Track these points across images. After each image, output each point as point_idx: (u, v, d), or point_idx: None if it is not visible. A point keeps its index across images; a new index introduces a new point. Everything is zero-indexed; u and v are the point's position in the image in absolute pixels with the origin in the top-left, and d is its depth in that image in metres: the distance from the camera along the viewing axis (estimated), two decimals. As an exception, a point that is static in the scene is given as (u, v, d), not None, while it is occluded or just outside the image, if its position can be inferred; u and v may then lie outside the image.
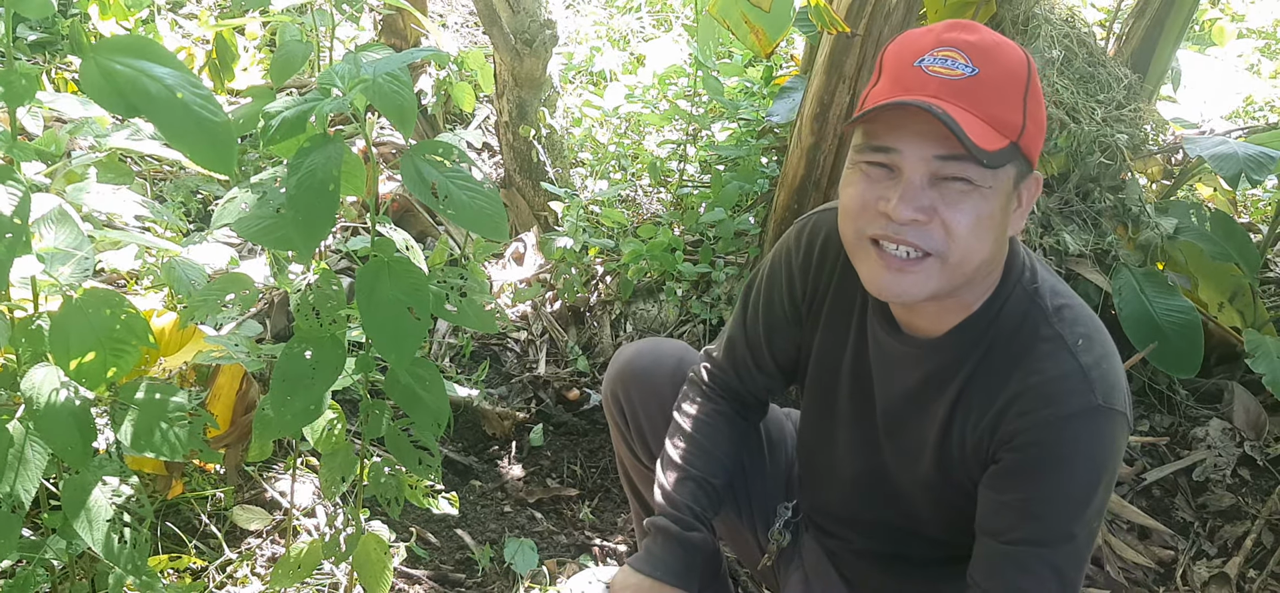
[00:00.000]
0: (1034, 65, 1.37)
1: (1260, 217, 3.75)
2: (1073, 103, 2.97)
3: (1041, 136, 1.39)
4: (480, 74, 3.88)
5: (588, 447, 2.86)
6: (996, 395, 1.43)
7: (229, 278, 1.70)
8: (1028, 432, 1.39)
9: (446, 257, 3.00)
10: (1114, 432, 1.38)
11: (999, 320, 1.44)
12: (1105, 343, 1.42)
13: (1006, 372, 1.42)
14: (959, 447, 1.48)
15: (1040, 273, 1.47)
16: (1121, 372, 1.42)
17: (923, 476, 1.56)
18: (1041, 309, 1.43)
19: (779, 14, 2.64)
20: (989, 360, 1.44)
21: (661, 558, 1.69)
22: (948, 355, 1.47)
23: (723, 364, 1.82)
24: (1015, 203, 1.39)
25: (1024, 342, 1.42)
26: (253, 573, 2.22)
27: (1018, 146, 1.33)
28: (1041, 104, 1.37)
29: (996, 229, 1.36)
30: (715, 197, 3.28)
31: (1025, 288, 1.44)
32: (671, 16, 5.65)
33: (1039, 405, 1.38)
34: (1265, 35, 5.60)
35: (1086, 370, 1.37)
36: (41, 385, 1.37)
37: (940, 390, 1.49)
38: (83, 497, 1.44)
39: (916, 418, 1.53)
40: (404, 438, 1.73)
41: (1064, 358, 1.39)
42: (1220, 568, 2.43)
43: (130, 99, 1.14)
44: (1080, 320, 1.42)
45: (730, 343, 1.80)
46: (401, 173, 1.41)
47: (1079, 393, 1.37)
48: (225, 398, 2.26)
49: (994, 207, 1.34)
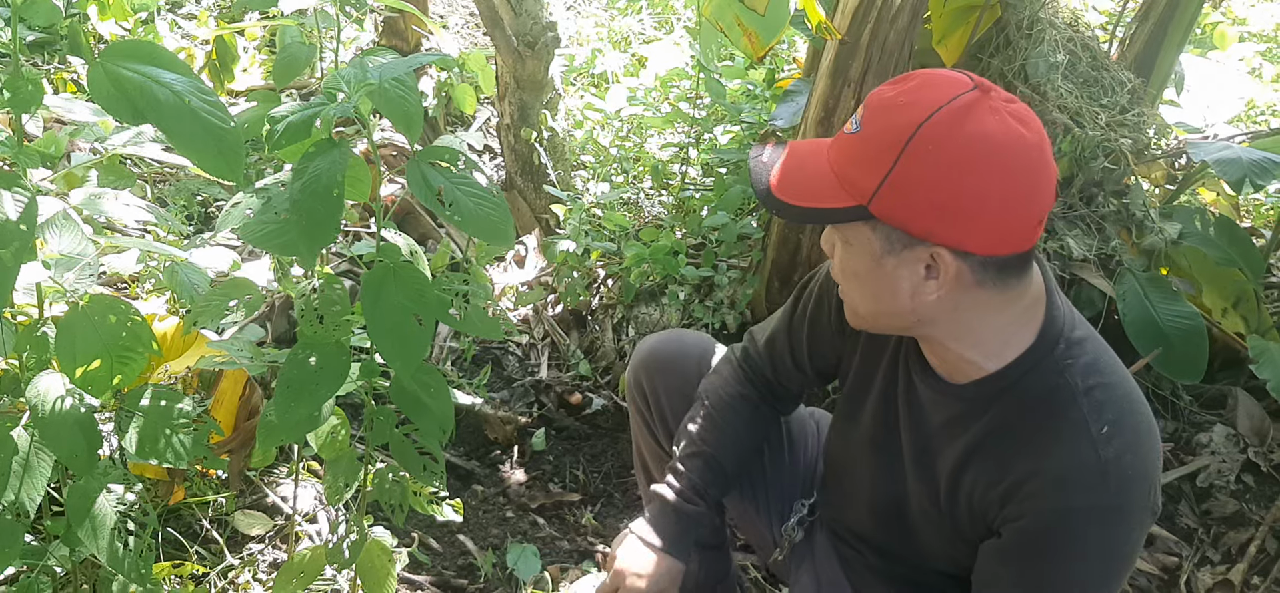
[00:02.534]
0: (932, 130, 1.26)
1: (1263, 221, 3.74)
2: (1076, 107, 2.97)
3: (931, 203, 1.27)
4: (481, 76, 3.87)
5: (590, 451, 2.86)
6: (1009, 467, 1.40)
7: (233, 283, 1.69)
8: (1034, 516, 1.37)
9: (448, 261, 2.99)
10: (1127, 530, 1.35)
11: (1021, 386, 1.39)
12: (1135, 432, 1.36)
13: (1022, 445, 1.39)
14: (966, 499, 1.48)
15: (1086, 346, 1.40)
16: (1151, 461, 1.37)
17: (933, 513, 1.56)
18: (1070, 387, 1.37)
19: (773, 18, 2.63)
20: (1007, 426, 1.41)
21: (657, 525, 1.79)
22: (965, 407, 1.45)
23: (763, 353, 1.83)
24: (916, 272, 1.32)
25: (1045, 418, 1.38)
26: (255, 579, 2.21)
27: (866, 209, 1.29)
28: (933, 167, 1.26)
29: (872, 286, 1.37)
30: (718, 200, 3.28)
31: (1057, 360, 1.38)
32: (673, 18, 5.64)
33: (1048, 491, 1.36)
34: (1266, 39, 5.60)
35: (1104, 464, 1.33)
36: (47, 393, 1.36)
37: (954, 439, 1.47)
38: (87, 504, 1.43)
39: (933, 458, 1.53)
40: (408, 444, 1.72)
41: (1082, 447, 1.34)
42: (1224, 575, 2.42)
43: (139, 105, 1.13)
44: (1111, 405, 1.36)
45: (773, 337, 1.81)
46: (407, 179, 1.41)
47: (1092, 487, 1.33)
48: (228, 403, 2.25)
49: (859, 265, 1.37)
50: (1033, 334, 1.38)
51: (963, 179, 1.25)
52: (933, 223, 1.28)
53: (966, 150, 1.25)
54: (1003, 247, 1.30)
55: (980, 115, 1.25)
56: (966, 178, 1.25)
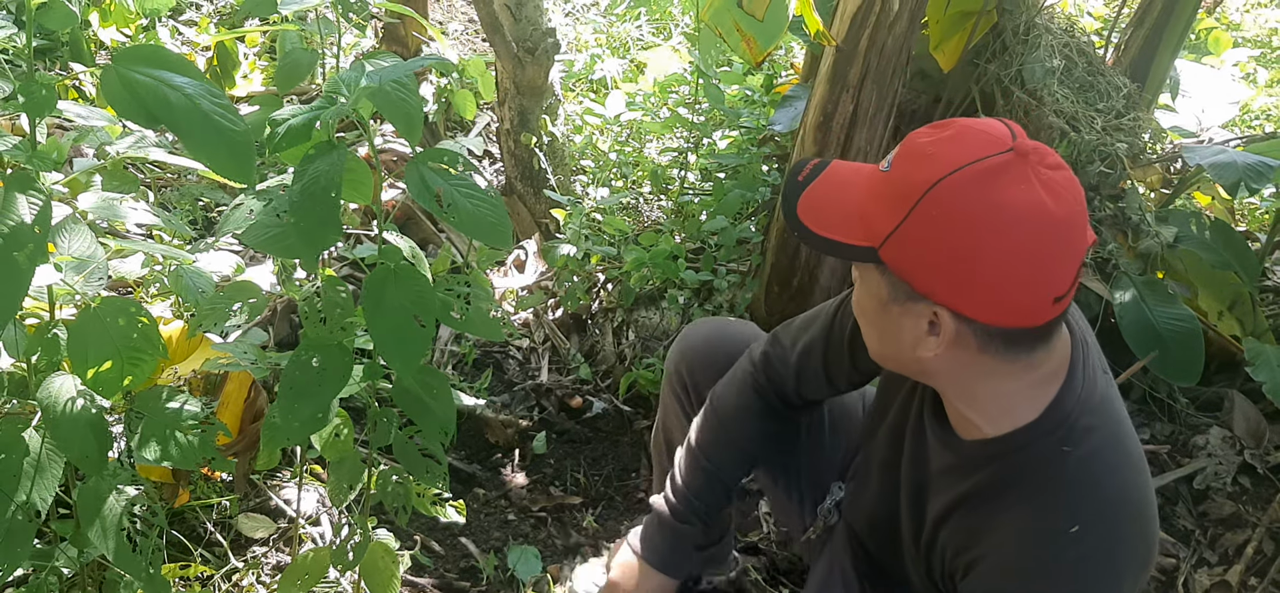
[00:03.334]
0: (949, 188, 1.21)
1: (1258, 225, 3.77)
2: (1073, 112, 2.99)
3: (937, 263, 1.24)
4: (481, 81, 3.89)
5: (591, 455, 2.87)
6: (976, 538, 1.39)
7: (237, 286, 1.71)
8: None
9: (449, 264, 3.00)
10: None
11: (1013, 460, 1.36)
12: (1112, 536, 1.29)
13: (993, 520, 1.37)
14: (940, 553, 1.48)
15: (1092, 436, 1.33)
16: (1129, 563, 1.31)
17: (913, 555, 1.58)
18: (1059, 478, 1.32)
19: (772, 23, 2.65)
20: (988, 495, 1.38)
21: (652, 541, 1.86)
22: (962, 462, 1.43)
23: (793, 364, 1.77)
24: (919, 326, 1.29)
25: (1020, 500, 1.34)
26: (258, 581, 2.22)
27: (876, 252, 1.27)
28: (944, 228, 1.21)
29: (877, 328, 1.37)
30: (717, 204, 3.29)
31: (1056, 444, 1.33)
32: (671, 24, 5.66)
33: (996, 575, 1.35)
34: (1260, 44, 5.63)
35: (1058, 565, 1.29)
36: (59, 394, 1.38)
37: (945, 490, 1.47)
38: (97, 505, 1.45)
39: (925, 500, 1.53)
40: (412, 446, 1.73)
41: (1042, 541, 1.31)
42: (1221, 576, 2.44)
43: (151, 109, 1.14)
44: (1090, 505, 1.30)
45: (809, 348, 1.74)
46: (407, 181, 1.42)
47: (1039, 583, 1.31)
48: (233, 406, 2.27)
49: (868, 304, 1.36)
50: (1039, 410, 1.33)
51: (968, 244, 1.20)
52: (935, 282, 1.25)
53: (977, 216, 1.19)
54: (1007, 319, 1.24)
55: (1005, 182, 1.19)
56: (972, 244, 1.20)
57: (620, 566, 1.88)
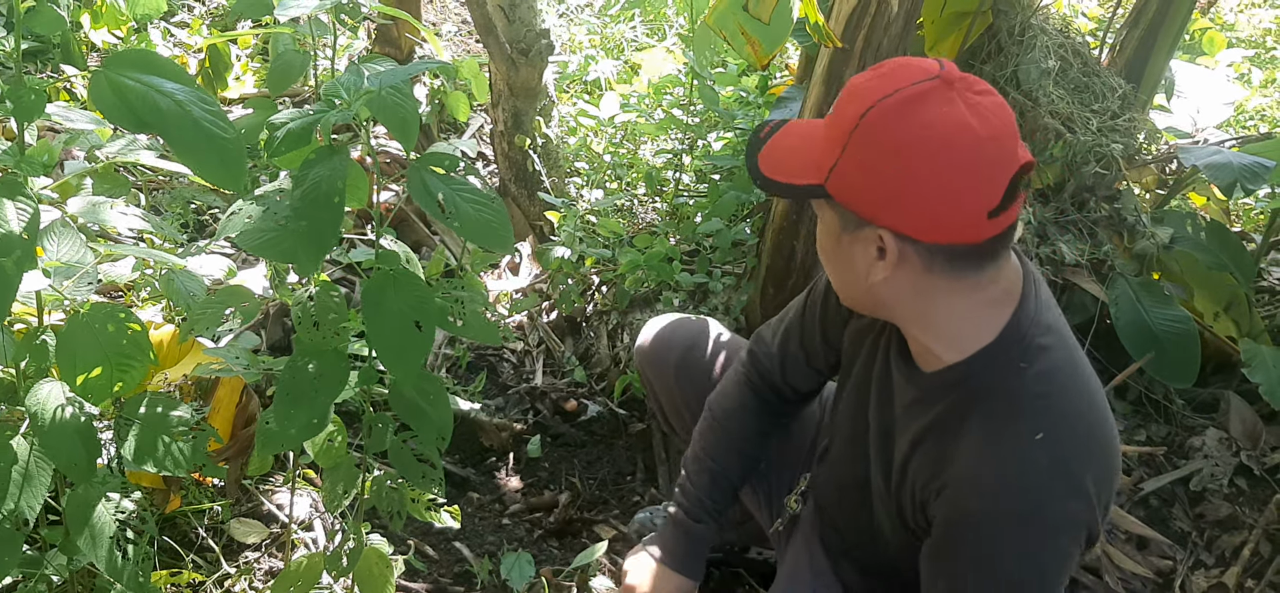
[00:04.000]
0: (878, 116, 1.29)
1: (1253, 226, 3.76)
2: (1068, 113, 2.98)
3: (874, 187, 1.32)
4: (475, 83, 3.88)
5: (586, 458, 2.86)
6: (945, 462, 1.41)
7: (229, 290, 1.69)
8: (953, 515, 1.39)
9: (443, 267, 2.99)
10: (1044, 542, 1.34)
11: (974, 382, 1.40)
12: (1075, 446, 1.34)
13: (959, 442, 1.39)
14: (910, 487, 1.50)
15: (1049, 354, 1.39)
16: (1088, 477, 1.34)
17: (887, 500, 1.59)
18: (1018, 392, 1.37)
19: (777, 26, 2.64)
20: (953, 420, 1.41)
21: (668, 544, 1.91)
22: (925, 394, 1.47)
23: (775, 353, 1.87)
24: (868, 253, 1.36)
25: (984, 418, 1.38)
26: (251, 587, 2.21)
27: (824, 188, 1.35)
28: (877, 152, 1.30)
29: (834, 263, 1.45)
30: (712, 206, 3.28)
31: (1013, 362, 1.38)
32: (666, 25, 5.66)
33: (966, 492, 1.37)
34: (1255, 45, 5.64)
35: (1025, 474, 1.32)
36: (47, 401, 1.36)
37: (910, 424, 1.49)
38: (86, 513, 1.43)
39: (892, 441, 1.56)
40: (407, 451, 1.72)
41: (1008, 453, 1.34)
42: (1218, 578, 2.43)
43: (141, 114, 1.13)
44: (1052, 415, 1.35)
45: (786, 334, 1.85)
46: (408, 185, 1.41)
47: (1008, 494, 1.33)
48: (225, 411, 2.25)
49: (825, 240, 1.45)
50: (995, 332, 1.39)
51: (898, 166, 1.28)
52: (875, 206, 1.33)
53: (905, 138, 1.28)
54: (944, 235, 1.31)
55: (930, 105, 1.27)
56: (902, 165, 1.28)
57: (636, 571, 1.92)
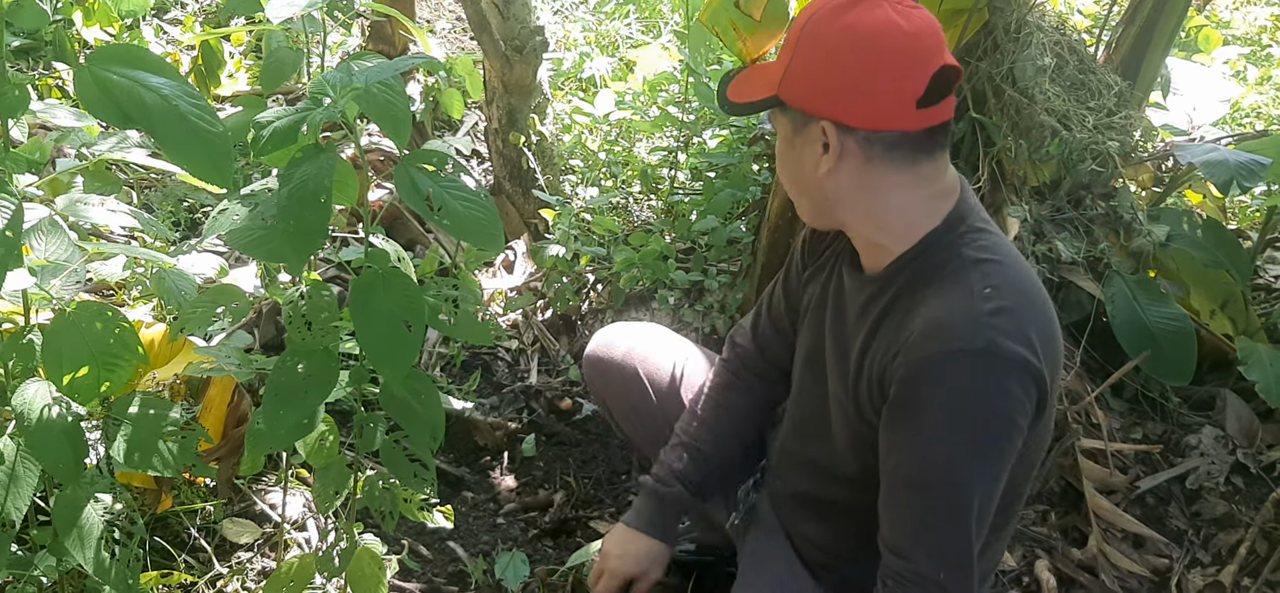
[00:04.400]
0: (817, 20, 1.49)
1: (1249, 223, 3.76)
2: (1064, 110, 2.97)
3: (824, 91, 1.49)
4: (469, 81, 3.86)
5: (581, 457, 2.84)
6: (900, 331, 1.50)
7: (220, 289, 1.68)
8: (909, 366, 1.46)
9: (436, 266, 2.98)
10: (996, 381, 1.42)
11: (921, 261, 1.53)
12: (1018, 298, 1.46)
13: (915, 308, 1.50)
14: (867, 374, 1.57)
15: (988, 233, 1.54)
16: (1034, 327, 1.45)
17: (844, 402, 1.65)
18: (963, 258, 1.50)
19: (769, 23, 2.63)
20: (903, 297, 1.53)
21: (639, 509, 2.00)
22: (876, 289, 1.58)
23: (746, 332, 2.01)
24: (814, 150, 1.52)
25: (936, 282, 1.50)
26: (243, 588, 2.20)
27: (778, 97, 1.53)
28: (816, 52, 1.49)
29: (790, 169, 1.59)
30: (707, 204, 3.27)
31: (957, 240, 1.52)
32: (661, 22, 5.64)
33: (923, 340, 1.45)
34: (1251, 42, 5.64)
35: (976, 316, 1.42)
36: (33, 401, 1.35)
37: (865, 320, 1.59)
38: (74, 514, 1.42)
39: (849, 344, 1.64)
40: (399, 451, 1.71)
41: (959, 300, 1.45)
42: (1215, 576, 2.42)
43: (127, 110, 1.12)
44: (998, 274, 1.47)
45: (757, 311, 1.99)
46: (396, 183, 1.40)
47: (963, 333, 1.42)
48: (216, 410, 2.24)
49: (782, 148, 1.60)
50: (938, 219, 1.53)
51: (834, 61, 1.46)
52: (816, 101, 1.50)
53: (838, 36, 1.46)
54: (876, 122, 1.47)
55: (861, 8, 1.46)
56: (837, 60, 1.46)
57: (611, 537, 2.01)
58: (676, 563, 2.39)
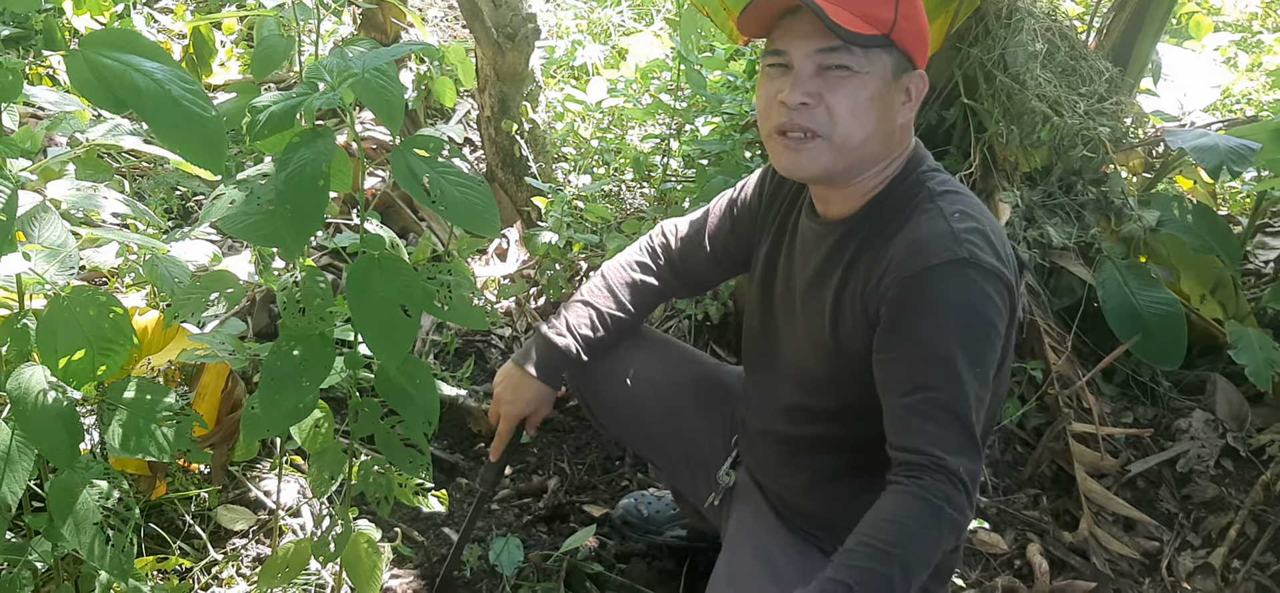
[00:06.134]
0: None
1: (1238, 209, 3.78)
2: (1055, 96, 2.98)
3: (920, 40, 1.61)
4: (461, 69, 3.86)
5: (574, 443, 2.85)
6: (880, 260, 1.59)
7: (214, 275, 1.68)
8: (898, 285, 1.54)
9: (429, 252, 2.97)
10: (980, 285, 1.51)
11: (891, 198, 1.64)
12: (984, 221, 1.58)
13: (889, 239, 1.60)
14: (849, 308, 1.64)
15: (940, 172, 1.67)
16: (1000, 241, 1.58)
17: (822, 340, 1.71)
18: (928, 191, 1.62)
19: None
20: (878, 232, 1.63)
21: (530, 353, 2.09)
22: (846, 228, 1.67)
23: (682, 240, 2.08)
24: (902, 96, 1.61)
25: (907, 214, 1.61)
26: (238, 574, 2.20)
27: (890, 39, 1.56)
28: (919, 11, 1.60)
29: (876, 112, 1.59)
30: (699, 191, 3.27)
31: (919, 176, 1.65)
32: (653, 9, 5.64)
33: (908, 259, 1.54)
34: (1241, 28, 5.65)
35: (955, 232, 1.53)
36: (29, 385, 1.35)
37: (838, 261, 1.67)
38: (70, 499, 1.42)
39: (820, 289, 1.70)
40: (394, 436, 1.71)
41: (936, 221, 1.56)
42: (1205, 559, 2.44)
43: (119, 94, 1.11)
44: (961, 201, 1.60)
45: (693, 222, 2.07)
46: (393, 168, 1.40)
47: (945, 248, 1.52)
48: (210, 397, 2.24)
49: (872, 90, 1.58)
50: (903, 162, 1.66)
51: (917, 7, 1.60)
52: (918, 48, 1.61)
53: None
54: (925, 61, 1.64)
55: None
56: (918, 7, 1.60)
57: (502, 380, 2.10)
58: (669, 549, 2.41)
